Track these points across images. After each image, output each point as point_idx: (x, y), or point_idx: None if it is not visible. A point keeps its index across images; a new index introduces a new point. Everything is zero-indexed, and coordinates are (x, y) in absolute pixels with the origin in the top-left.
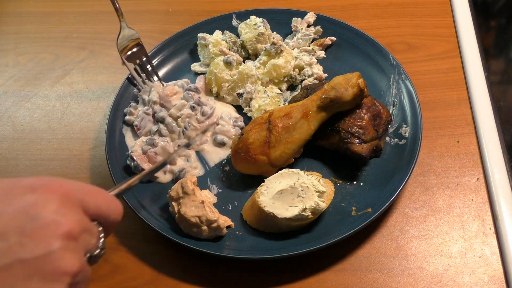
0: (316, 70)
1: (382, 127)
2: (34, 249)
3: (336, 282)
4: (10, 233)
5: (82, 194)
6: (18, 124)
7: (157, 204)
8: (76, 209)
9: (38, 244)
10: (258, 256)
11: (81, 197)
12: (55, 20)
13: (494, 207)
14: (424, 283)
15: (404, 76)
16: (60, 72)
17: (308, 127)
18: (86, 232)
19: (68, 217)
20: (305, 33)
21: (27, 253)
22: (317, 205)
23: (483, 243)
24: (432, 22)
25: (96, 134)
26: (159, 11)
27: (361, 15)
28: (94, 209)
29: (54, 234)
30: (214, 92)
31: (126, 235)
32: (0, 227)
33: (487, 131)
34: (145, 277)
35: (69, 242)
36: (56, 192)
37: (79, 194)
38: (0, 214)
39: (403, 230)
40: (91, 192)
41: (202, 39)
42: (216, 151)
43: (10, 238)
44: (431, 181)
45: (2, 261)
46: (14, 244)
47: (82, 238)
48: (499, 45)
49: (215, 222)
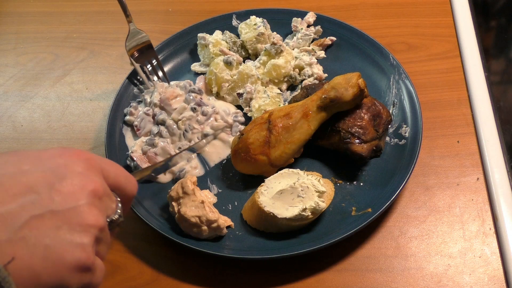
0: (316, 70)
1: (382, 127)
2: (63, 202)
3: (336, 282)
4: (41, 188)
5: (103, 163)
6: (18, 124)
7: (157, 204)
8: (99, 173)
9: (66, 199)
10: (258, 256)
11: (103, 165)
12: (55, 20)
13: (494, 207)
14: (424, 283)
15: (404, 76)
16: (60, 72)
17: (308, 127)
18: (107, 196)
19: (93, 178)
20: (305, 33)
21: (57, 205)
22: (317, 205)
23: (483, 243)
24: (432, 22)
25: (96, 134)
26: (159, 11)
27: (361, 15)
28: (113, 178)
29: (81, 191)
30: (214, 92)
31: (126, 235)
32: (32, 182)
33: (487, 131)
34: (145, 277)
35: (94, 199)
36: (81, 158)
37: (101, 162)
38: (31, 171)
39: (403, 230)
40: (111, 162)
41: (202, 39)
42: (216, 151)
43: (42, 191)
44: (431, 181)
45: (35, 211)
46: (45, 197)
47: (104, 199)
48: (499, 45)
49: (215, 222)
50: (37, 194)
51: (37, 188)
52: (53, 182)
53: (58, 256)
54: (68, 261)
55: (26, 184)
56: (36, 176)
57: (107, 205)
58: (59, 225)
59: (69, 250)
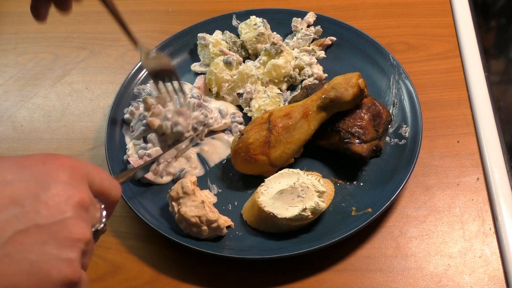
0: (316, 70)
1: (382, 127)
2: (49, 215)
3: (336, 282)
4: (25, 200)
5: (88, 169)
6: (18, 124)
7: (157, 204)
8: (84, 182)
9: (52, 211)
10: (258, 256)
11: (87, 172)
12: (55, 20)
13: (494, 207)
14: (424, 283)
15: (404, 76)
16: (60, 72)
17: (308, 127)
18: (92, 205)
19: (79, 188)
20: (305, 33)
21: (42, 219)
22: (317, 205)
23: (483, 243)
24: (432, 22)
25: (96, 134)
26: (159, 11)
27: (361, 15)
28: (98, 184)
29: (67, 202)
30: (214, 92)
31: (126, 235)
32: (16, 193)
33: (487, 131)
34: (145, 277)
35: (81, 211)
36: (65, 165)
37: (86, 169)
38: (14, 182)
39: (403, 230)
40: (95, 168)
41: (202, 39)
42: (216, 151)
43: (26, 204)
44: (431, 181)
45: (19, 226)
46: (30, 210)
47: (90, 209)
48: (499, 45)
49: (215, 222)
50: (22, 207)
51: (21, 200)
52: (38, 193)
53: (45, 273)
54: (55, 278)
55: (10, 196)
56: (20, 187)
57: (93, 214)
58: (45, 240)
59: (56, 266)
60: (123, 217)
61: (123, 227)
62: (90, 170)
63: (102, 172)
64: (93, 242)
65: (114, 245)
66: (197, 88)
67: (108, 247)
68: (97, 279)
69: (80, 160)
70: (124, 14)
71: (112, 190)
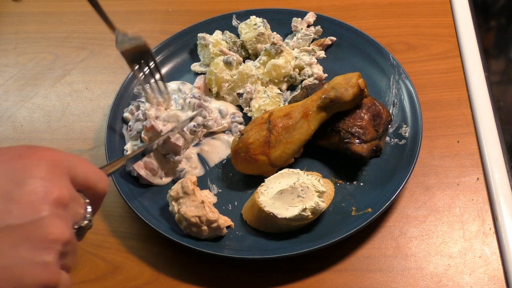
0: (316, 70)
1: (382, 127)
2: (22, 215)
3: (336, 282)
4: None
5: (70, 162)
6: (18, 124)
7: (157, 204)
8: (65, 176)
9: (26, 211)
10: (258, 256)
11: (70, 165)
12: (55, 20)
13: (494, 207)
14: (424, 283)
15: (404, 76)
16: (60, 72)
17: (308, 127)
18: (74, 201)
19: (57, 184)
20: (305, 33)
21: (15, 219)
22: (317, 205)
23: (483, 243)
24: (432, 22)
25: (96, 134)
26: (159, 11)
27: (361, 15)
28: (82, 177)
29: (43, 200)
30: (214, 92)
31: (126, 235)
32: None
33: (487, 131)
34: (145, 277)
35: (59, 209)
36: (44, 159)
37: (67, 162)
38: None
39: (403, 230)
40: (79, 160)
41: (202, 39)
42: (216, 151)
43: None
44: (431, 181)
45: None
46: (1, 210)
47: (71, 206)
48: (499, 45)
49: (215, 222)
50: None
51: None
52: (11, 190)
53: (17, 278)
54: (29, 283)
55: None
56: None
57: (75, 211)
58: (18, 242)
59: (29, 270)
60: (123, 217)
61: (123, 227)
62: (73, 162)
63: (87, 164)
64: (76, 241)
65: (114, 245)
66: (197, 88)
67: (108, 247)
68: (97, 279)
69: (62, 152)
70: (124, 14)
71: (98, 183)
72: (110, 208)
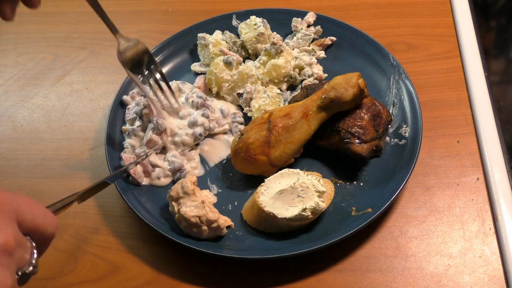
0: (316, 70)
1: (382, 127)
2: None
3: (336, 282)
4: None
5: (18, 204)
6: (18, 124)
7: (157, 204)
8: (11, 221)
9: None
10: (258, 256)
11: (17, 208)
12: (55, 20)
13: (494, 207)
14: (424, 283)
15: (404, 76)
16: (60, 72)
17: (308, 127)
18: (20, 247)
19: (3, 230)
20: (305, 33)
21: None
22: (317, 205)
23: (483, 243)
24: (432, 22)
25: (96, 134)
26: (159, 11)
27: (361, 15)
28: (30, 221)
29: None
30: (214, 92)
31: (126, 235)
32: None
33: (487, 131)
34: (145, 277)
35: (3, 257)
36: None
37: (15, 205)
38: None
39: (403, 230)
40: (27, 202)
41: (202, 39)
42: (216, 151)
43: None
44: (431, 181)
45: None
46: None
47: (16, 252)
48: (499, 45)
49: (215, 222)
50: None
51: None
52: None
53: None
54: None
55: None
56: None
57: (20, 257)
58: None
59: None
60: (123, 217)
61: (123, 227)
62: (21, 205)
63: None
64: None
65: (114, 245)
66: (197, 88)
67: (108, 247)
68: (97, 279)
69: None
70: (124, 14)
71: (48, 227)
72: (110, 208)
